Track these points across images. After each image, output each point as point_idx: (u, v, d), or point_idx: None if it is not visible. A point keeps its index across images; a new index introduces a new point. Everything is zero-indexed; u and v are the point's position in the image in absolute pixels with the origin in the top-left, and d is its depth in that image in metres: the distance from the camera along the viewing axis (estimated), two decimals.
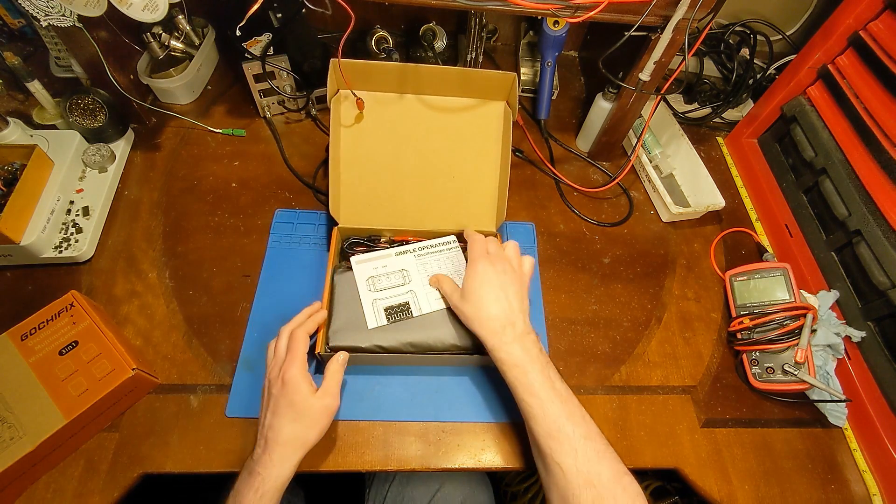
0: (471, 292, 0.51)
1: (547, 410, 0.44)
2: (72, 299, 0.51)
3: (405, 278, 0.58)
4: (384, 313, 0.56)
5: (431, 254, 0.60)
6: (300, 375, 0.47)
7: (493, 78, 0.58)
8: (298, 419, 0.46)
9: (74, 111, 0.66)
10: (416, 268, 0.59)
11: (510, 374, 0.47)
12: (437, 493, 0.60)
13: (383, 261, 0.59)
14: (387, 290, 0.57)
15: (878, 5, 0.58)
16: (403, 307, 0.56)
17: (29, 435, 0.45)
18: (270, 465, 0.44)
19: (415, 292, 0.58)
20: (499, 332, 0.48)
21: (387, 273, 0.58)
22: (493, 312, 0.49)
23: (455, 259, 0.60)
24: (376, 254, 0.60)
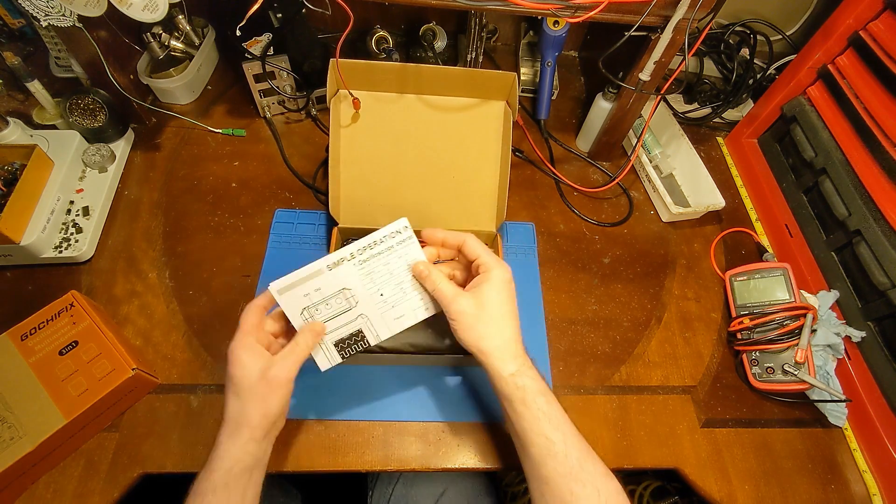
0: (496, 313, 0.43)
1: (570, 447, 0.40)
2: (72, 299, 0.51)
3: (350, 300, 0.45)
4: (335, 350, 0.46)
5: (378, 256, 0.45)
6: (239, 347, 0.42)
7: (493, 78, 0.58)
8: (239, 394, 0.41)
9: (74, 111, 0.66)
10: (362, 282, 0.45)
11: (533, 404, 0.41)
12: (442, 495, 0.60)
13: (315, 282, 0.44)
14: (333, 320, 0.46)
15: (878, 5, 0.58)
16: (357, 336, 0.46)
17: (29, 435, 0.45)
18: (219, 443, 0.41)
19: (366, 316, 0.46)
20: (521, 356, 0.43)
21: (324, 298, 0.45)
22: (514, 334, 0.44)
23: (410, 256, 0.46)
24: (304, 273, 0.44)
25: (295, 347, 0.43)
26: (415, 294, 0.47)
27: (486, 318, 0.43)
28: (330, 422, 0.54)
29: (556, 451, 0.40)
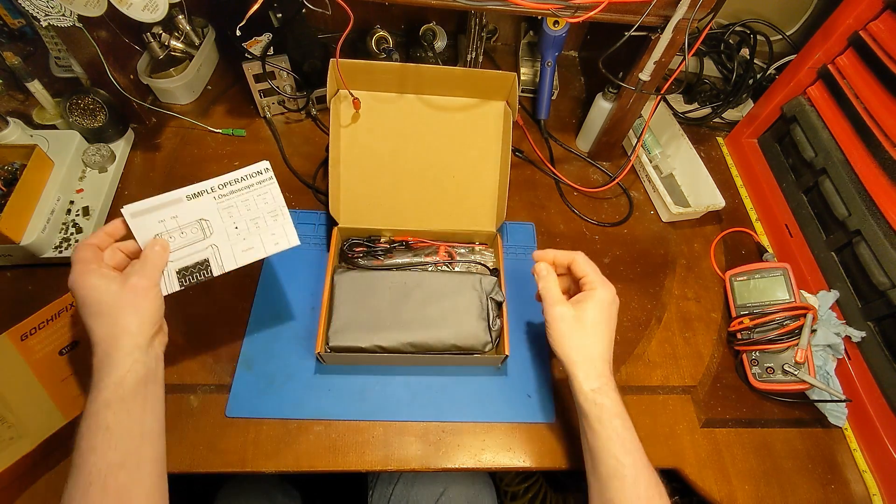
0: (593, 327, 0.45)
1: (640, 474, 0.40)
2: (72, 299, 0.51)
3: (205, 231, 0.46)
4: (176, 277, 0.45)
5: (237, 193, 0.47)
6: (83, 274, 0.40)
7: (493, 78, 0.58)
8: (102, 312, 0.39)
9: (74, 111, 0.66)
10: (219, 214, 0.46)
11: (609, 423, 0.41)
12: (442, 495, 0.60)
13: (172, 209, 0.45)
14: (181, 250, 0.46)
15: (878, 5, 0.58)
16: (201, 266, 0.46)
17: (29, 435, 0.45)
18: (99, 366, 0.38)
19: (216, 247, 0.46)
20: (606, 374, 0.44)
21: (179, 227, 0.45)
22: (605, 352, 0.45)
23: (269, 196, 0.47)
24: (161, 200, 0.45)
25: (145, 260, 0.42)
26: (268, 230, 0.48)
27: (580, 331, 0.45)
28: (330, 422, 0.54)
29: (625, 474, 0.40)
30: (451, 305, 0.56)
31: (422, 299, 0.57)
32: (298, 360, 0.57)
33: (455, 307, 0.56)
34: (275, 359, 0.57)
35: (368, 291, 0.56)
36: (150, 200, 0.44)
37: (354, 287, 0.57)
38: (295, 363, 0.57)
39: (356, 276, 0.58)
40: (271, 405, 0.54)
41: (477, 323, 0.56)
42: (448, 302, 0.56)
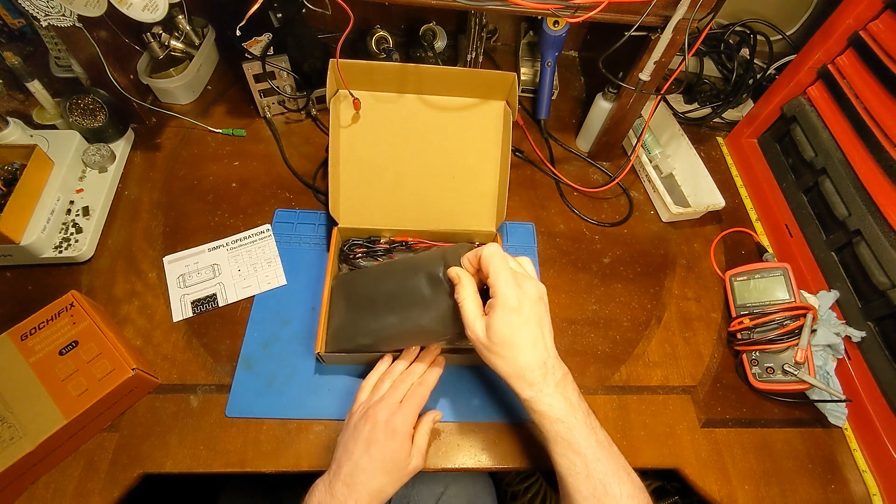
0: (503, 342, 0.41)
1: (592, 470, 0.40)
2: (72, 299, 0.51)
3: (216, 272, 0.62)
4: (190, 306, 0.59)
5: (244, 246, 0.64)
6: (408, 431, 0.45)
7: (493, 78, 0.58)
8: (391, 472, 0.44)
9: (74, 111, 0.66)
10: (228, 261, 0.63)
11: (551, 428, 0.42)
12: (443, 494, 0.60)
13: (196, 258, 0.63)
14: (196, 285, 0.61)
15: (878, 5, 0.58)
16: (210, 298, 0.60)
17: (29, 435, 0.45)
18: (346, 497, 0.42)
19: (223, 284, 0.61)
20: (538, 383, 0.42)
21: (198, 269, 0.62)
22: (531, 360, 0.42)
23: (266, 248, 0.64)
24: (191, 251, 0.63)
25: (426, 436, 0.49)
26: (263, 273, 0.62)
27: (495, 348, 0.42)
28: (330, 422, 0.54)
29: (578, 471, 0.41)
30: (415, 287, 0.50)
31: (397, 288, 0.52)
32: (298, 360, 0.57)
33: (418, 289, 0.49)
34: (275, 359, 0.57)
35: (363, 291, 0.56)
36: (182, 252, 0.63)
37: (356, 290, 0.56)
38: (295, 363, 0.57)
39: (352, 277, 0.57)
40: (271, 405, 0.54)
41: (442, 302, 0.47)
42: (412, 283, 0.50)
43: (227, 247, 0.64)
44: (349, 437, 0.46)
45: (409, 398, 0.47)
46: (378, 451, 0.44)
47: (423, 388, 0.48)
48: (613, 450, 0.43)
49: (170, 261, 0.62)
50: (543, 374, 0.42)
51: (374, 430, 0.44)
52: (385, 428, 0.44)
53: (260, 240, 0.65)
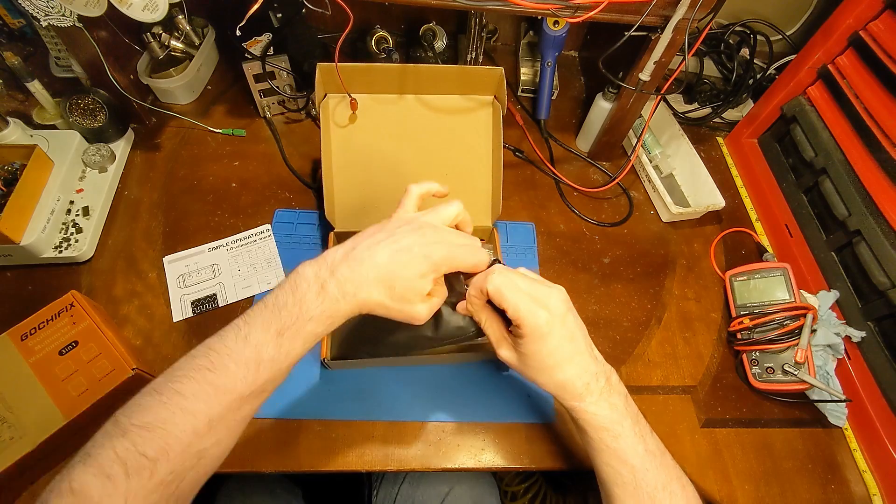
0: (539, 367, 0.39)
1: (640, 481, 0.38)
2: (72, 299, 0.51)
3: (215, 272, 0.62)
4: (190, 306, 0.59)
5: (244, 246, 0.64)
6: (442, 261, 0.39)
7: (481, 74, 0.58)
8: (393, 286, 0.37)
9: (74, 111, 0.66)
10: (228, 261, 0.63)
11: (595, 436, 0.39)
12: (448, 495, 0.60)
13: (196, 258, 0.62)
14: (196, 285, 0.61)
15: (878, 5, 0.58)
16: (210, 298, 0.60)
17: (29, 435, 0.45)
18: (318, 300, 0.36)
19: (223, 284, 0.61)
20: (582, 394, 0.39)
21: (198, 269, 0.62)
22: (571, 375, 0.39)
23: (266, 248, 0.63)
24: (190, 251, 0.63)
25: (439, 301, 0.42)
26: (263, 273, 0.62)
27: (533, 368, 0.40)
28: (330, 422, 0.54)
29: (625, 482, 0.38)
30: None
31: None
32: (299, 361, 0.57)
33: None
34: None
35: None
36: (182, 252, 0.62)
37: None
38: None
39: None
40: (271, 405, 0.54)
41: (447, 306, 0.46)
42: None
43: (227, 247, 0.64)
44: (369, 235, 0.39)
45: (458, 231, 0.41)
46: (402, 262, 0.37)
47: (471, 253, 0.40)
48: (666, 459, 0.39)
49: (170, 261, 0.62)
50: (586, 384, 0.39)
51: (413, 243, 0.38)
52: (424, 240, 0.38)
53: (260, 240, 0.65)
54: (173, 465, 0.31)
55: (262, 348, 0.35)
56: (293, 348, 0.36)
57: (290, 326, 0.35)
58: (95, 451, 0.30)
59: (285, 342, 0.35)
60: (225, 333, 0.35)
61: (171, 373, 0.34)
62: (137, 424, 0.31)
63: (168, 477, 0.31)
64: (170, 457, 0.31)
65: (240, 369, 0.34)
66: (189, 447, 0.32)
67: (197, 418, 0.32)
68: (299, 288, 0.36)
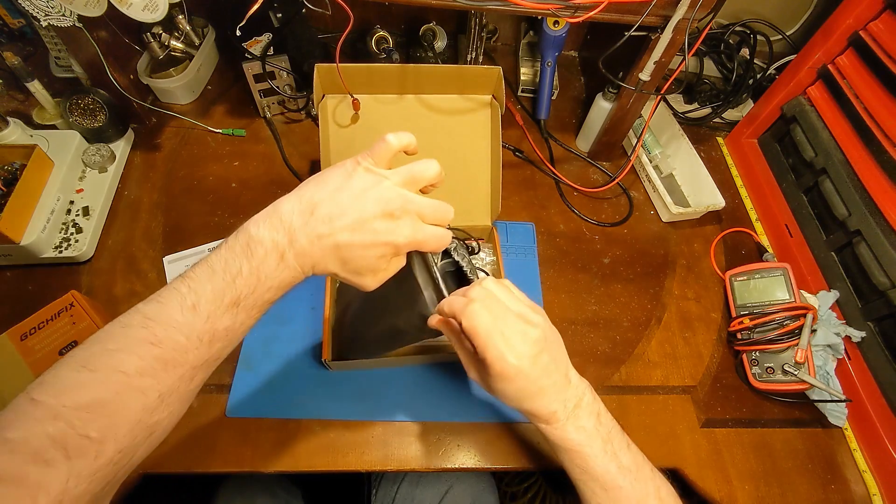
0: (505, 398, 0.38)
1: (615, 498, 0.37)
2: (72, 299, 0.51)
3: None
4: None
5: None
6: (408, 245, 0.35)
7: (479, 73, 0.58)
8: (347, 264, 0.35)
9: (74, 111, 0.66)
10: None
11: (565, 457, 0.39)
12: (447, 493, 0.60)
13: (196, 258, 0.61)
14: None
15: (878, 5, 0.58)
16: None
17: None
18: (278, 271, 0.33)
19: None
20: (548, 419, 0.38)
21: None
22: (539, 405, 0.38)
23: None
24: (192, 251, 0.62)
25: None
26: None
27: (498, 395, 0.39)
28: (329, 422, 0.54)
29: (599, 500, 0.38)
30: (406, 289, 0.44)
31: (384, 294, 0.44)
32: (298, 360, 0.57)
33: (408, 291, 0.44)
34: (275, 359, 0.57)
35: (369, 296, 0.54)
36: (182, 252, 0.62)
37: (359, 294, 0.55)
38: (295, 363, 0.57)
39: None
40: (271, 405, 0.54)
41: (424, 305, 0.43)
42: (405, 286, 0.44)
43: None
44: (324, 185, 0.35)
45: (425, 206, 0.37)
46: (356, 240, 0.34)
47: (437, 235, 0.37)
48: (643, 473, 0.38)
49: (170, 261, 0.62)
50: (553, 412, 0.38)
51: (371, 206, 0.34)
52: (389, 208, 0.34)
53: None
54: (122, 444, 0.29)
55: (217, 320, 0.32)
56: (249, 317, 0.33)
57: (248, 296, 0.32)
58: (19, 436, 0.26)
59: (241, 313, 0.33)
60: (166, 301, 0.31)
61: (104, 346, 0.30)
62: (71, 406, 0.28)
63: (116, 456, 0.28)
64: (118, 436, 0.28)
65: (191, 342, 0.31)
66: (139, 423, 0.29)
67: (147, 395, 0.30)
68: (255, 254, 0.33)
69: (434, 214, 0.37)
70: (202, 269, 0.33)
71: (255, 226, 0.34)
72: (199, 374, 0.33)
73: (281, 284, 0.34)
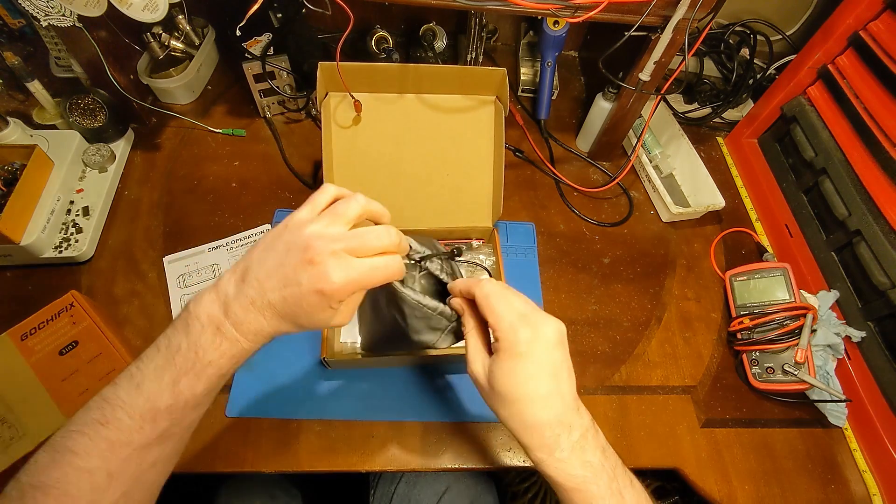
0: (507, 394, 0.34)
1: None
2: (72, 299, 0.51)
3: (215, 272, 0.62)
4: None
5: (244, 246, 0.64)
6: (342, 289, 0.32)
7: (484, 74, 0.58)
8: (295, 321, 0.34)
9: (74, 111, 0.66)
10: (228, 261, 0.63)
11: (564, 496, 0.34)
12: (445, 493, 0.60)
13: (196, 258, 0.63)
14: (196, 285, 0.61)
15: (878, 5, 0.58)
16: None
17: (29, 435, 0.45)
18: (215, 344, 0.32)
19: None
20: (549, 445, 0.34)
21: (198, 269, 0.62)
22: (541, 418, 0.34)
23: None
24: (191, 251, 0.63)
25: (355, 300, 0.37)
26: None
27: (497, 398, 0.35)
28: (330, 422, 0.54)
29: None
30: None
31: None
32: (298, 360, 0.57)
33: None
34: (275, 359, 0.57)
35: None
36: (182, 252, 0.63)
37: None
38: (295, 363, 0.57)
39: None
40: (271, 405, 0.54)
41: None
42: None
43: (228, 247, 0.64)
44: (260, 253, 0.34)
45: (361, 239, 0.34)
46: (290, 297, 0.32)
47: (385, 265, 0.35)
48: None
49: (170, 261, 0.62)
50: (556, 436, 0.34)
51: (298, 269, 0.32)
52: (311, 271, 0.32)
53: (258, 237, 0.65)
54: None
55: (157, 398, 0.32)
56: (194, 393, 0.33)
57: (188, 372, 0.32)
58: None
59: (184, 389, 0.32)
60: (119, 382, 0.32)
61: (67, 427, 0.31)
62: (33, 484, 0.30)
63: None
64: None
65: (134, 422, 0.31)
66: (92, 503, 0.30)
67: (94, 475, 0.30)
68: (192, 329, 0.32)
69: (368, 245, 0.34)
70: (151, 348, 0.33)
71: (194, 302, 0.34)
72: (150, 454, 0.32)
73: (223, 358, 0.33)
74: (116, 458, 0.31)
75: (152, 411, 0.32)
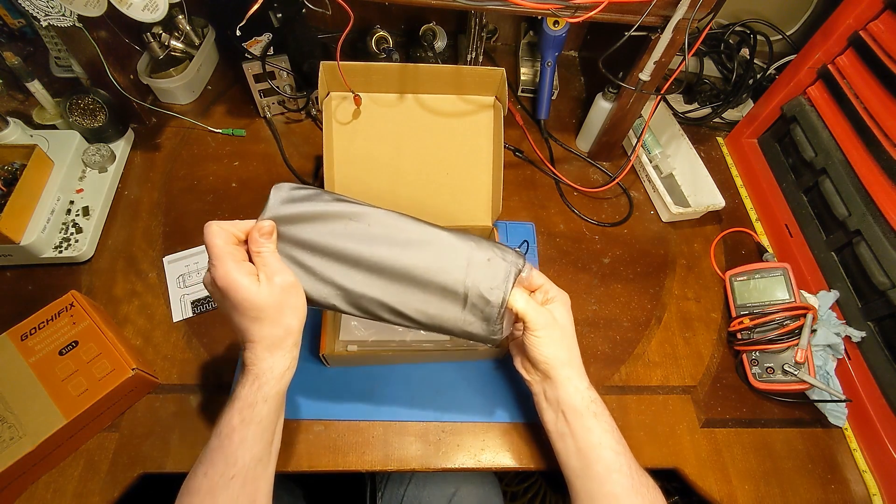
0: (565, 333, 0.47)
1: (630, 460, 0.43)
2: (72, 299, 0.51)
3: None
4: (190, 306, 0.59)
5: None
6: (233, 272, 0.38)
7: (483, 74, 0.58)
8: (263, 314, 0.39)
9: (74, 111, 0.66)
10: None
11: (605, 417, 0.44)
12: (454, 495, 0.60)
13: (196, 257, 0.63)
14: (196, 285, 0.61)
15: (878, 5, 0.58)
16: (210, 298, 0.60)
17: (29, 435, 0.45)
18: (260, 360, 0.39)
19: None
20: (585, 376, 0.46)
21: (198, 269, 0.62)
22: (578, 353, 0.47)
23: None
24: (191, 251, 0.63)
25: (269, 257, 0.41)
26: None
27: (561, 334, 0.46)
28: (330, 422, 0.54)
29: (621, 464, 0.42)
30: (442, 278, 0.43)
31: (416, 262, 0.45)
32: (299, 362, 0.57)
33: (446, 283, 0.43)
34: None
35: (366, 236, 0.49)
36: (182, 252, 0.63)
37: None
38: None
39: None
40: None
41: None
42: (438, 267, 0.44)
43: None
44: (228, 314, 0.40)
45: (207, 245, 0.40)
46: (233, 311, 0.39)
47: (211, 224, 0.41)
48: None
49: (170, 261, 0.62)
50: (581, 370, 0.46)
51: (216, 299, 0.41)
52: (216, 293, 0.40)
53: None
54: None
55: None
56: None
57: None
58: None
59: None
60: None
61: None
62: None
63: None
64: None
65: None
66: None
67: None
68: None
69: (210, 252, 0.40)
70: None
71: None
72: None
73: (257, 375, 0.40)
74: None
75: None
